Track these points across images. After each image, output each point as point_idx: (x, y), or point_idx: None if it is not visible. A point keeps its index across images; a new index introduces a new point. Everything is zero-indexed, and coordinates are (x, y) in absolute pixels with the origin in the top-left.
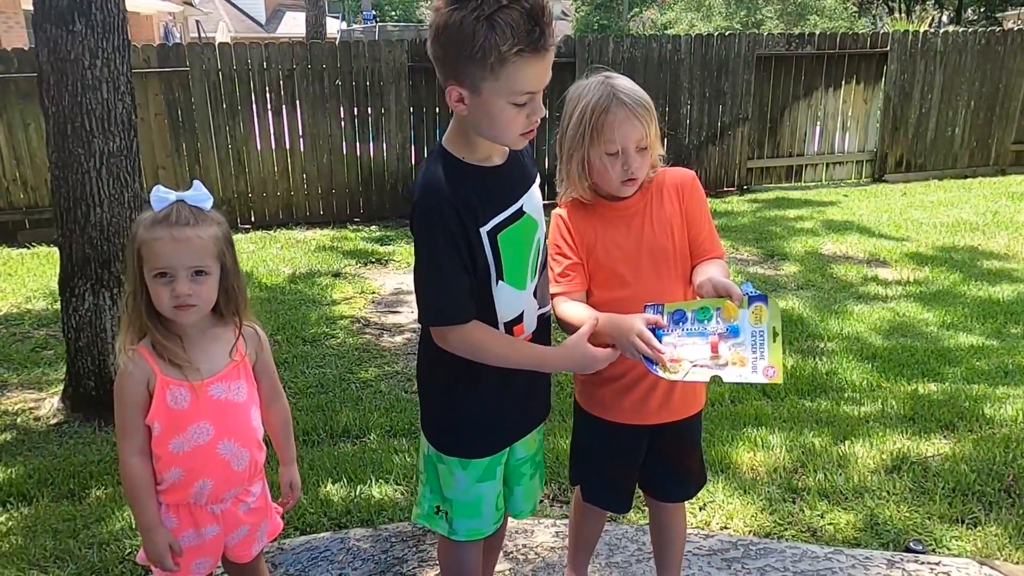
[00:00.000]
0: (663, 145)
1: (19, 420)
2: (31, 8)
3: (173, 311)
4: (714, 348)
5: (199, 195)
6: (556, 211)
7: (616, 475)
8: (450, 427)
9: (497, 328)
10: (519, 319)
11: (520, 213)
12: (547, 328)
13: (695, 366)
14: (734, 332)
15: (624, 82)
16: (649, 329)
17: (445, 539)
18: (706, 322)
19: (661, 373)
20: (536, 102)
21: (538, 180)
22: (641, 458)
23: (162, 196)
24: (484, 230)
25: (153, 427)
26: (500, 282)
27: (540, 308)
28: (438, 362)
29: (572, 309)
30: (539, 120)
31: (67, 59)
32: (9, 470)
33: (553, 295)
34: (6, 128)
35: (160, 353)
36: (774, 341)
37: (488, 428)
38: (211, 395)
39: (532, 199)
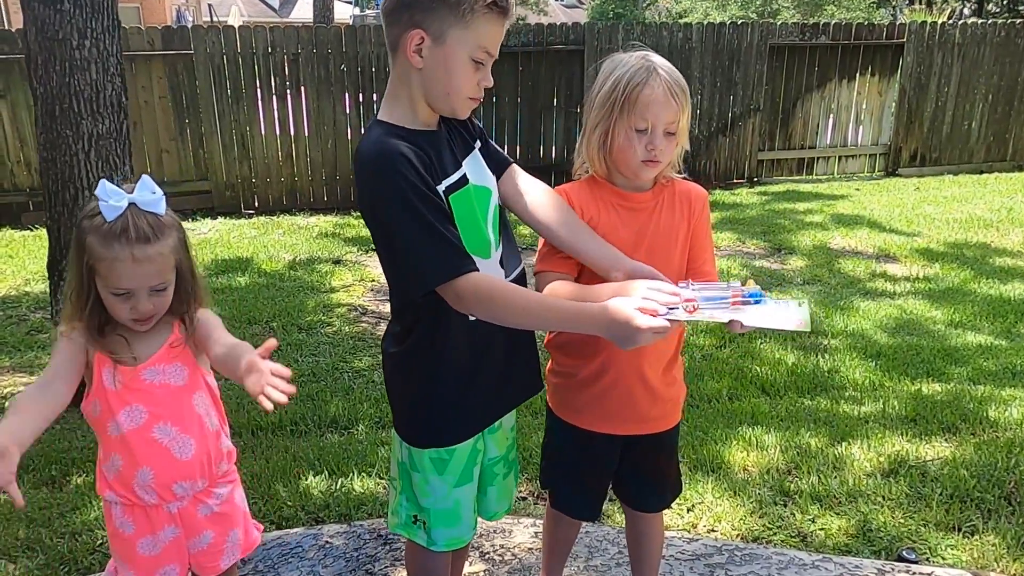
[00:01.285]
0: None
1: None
2: None
3: (132, 322)
4: (736, 296)
5: (153, 198)
6: (559, 187)
7: (587, 483)
8: (421, 415)
9: None
10: None
11: (464, 180)
12: None
13: (715, 309)
14: (755, 296)
15: (664, 62)
16: None
17: (414, 546)
18: (725, 288)
19: (678, 315)
20: (488, 69)
21: (479, 146)
22: (614, 466)
23: (113, 205)
24: (440, 189)
25: (95, 407)
26: None
27: (508, 276)
28: (401, 341)
29: (566, 288)
30: (483, 92)
31: (55, 39)
32: None
33: (540, 271)
34: (10, 109)
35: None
36: (800, 306)
37: (460, 410)
38: (143, 379)
39: (474, 167)
